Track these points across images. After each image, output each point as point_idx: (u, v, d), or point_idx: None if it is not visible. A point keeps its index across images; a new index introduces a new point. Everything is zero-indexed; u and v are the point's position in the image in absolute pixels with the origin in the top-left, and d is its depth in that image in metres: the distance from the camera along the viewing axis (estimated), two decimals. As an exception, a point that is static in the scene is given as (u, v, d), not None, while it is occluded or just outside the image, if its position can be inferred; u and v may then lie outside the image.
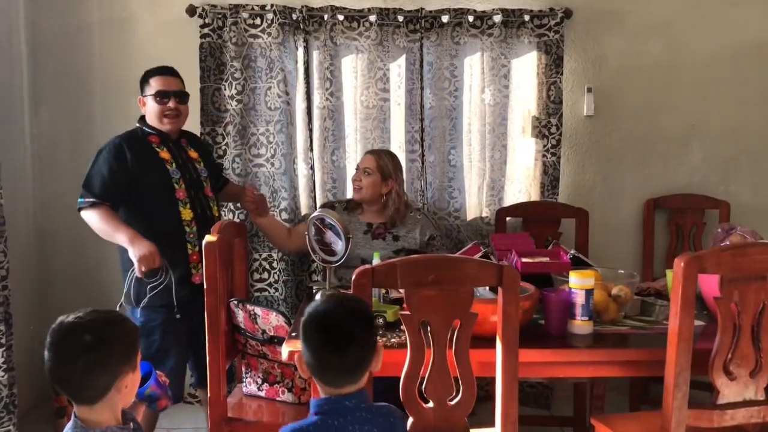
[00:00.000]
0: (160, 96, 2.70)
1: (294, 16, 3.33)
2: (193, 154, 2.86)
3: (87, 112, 3.48)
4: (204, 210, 2.75)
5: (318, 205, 3.38)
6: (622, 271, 2.48)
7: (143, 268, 2.50)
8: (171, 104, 2.72)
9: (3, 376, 2.85)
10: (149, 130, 2.75)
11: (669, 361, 1.84)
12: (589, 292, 2.11)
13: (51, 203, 3.51)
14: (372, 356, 1.52)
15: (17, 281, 3.14)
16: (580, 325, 2.11)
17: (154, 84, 2.73)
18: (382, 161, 3.05)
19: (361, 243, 2.95)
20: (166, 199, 2.65)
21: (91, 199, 2.59)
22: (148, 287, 2.57)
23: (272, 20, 3.32)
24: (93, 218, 2.61)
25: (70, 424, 1.45)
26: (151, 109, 2.74)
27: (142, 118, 2.80)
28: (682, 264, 1.78)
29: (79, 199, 2.63)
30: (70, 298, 3.51)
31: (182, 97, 2.77)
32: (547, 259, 2.42)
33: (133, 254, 2.50)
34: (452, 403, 1.76)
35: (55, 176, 3.50)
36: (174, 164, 2.71)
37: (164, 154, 2.70)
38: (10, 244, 2.93)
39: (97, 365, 1.40)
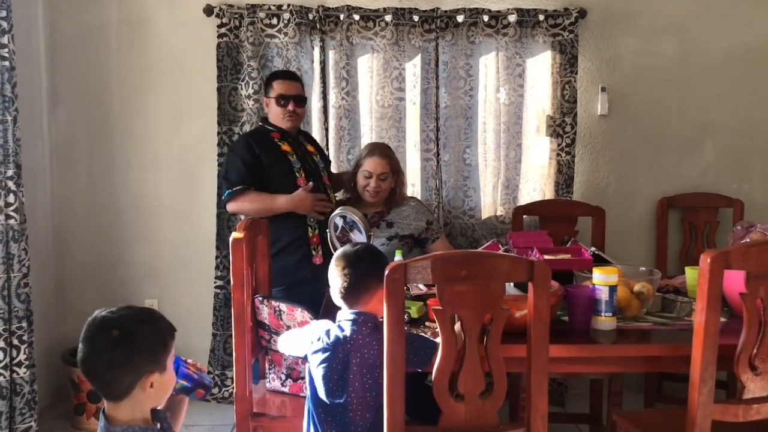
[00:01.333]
0: (281, 99, 2.96)
1: (310, 16, 3.35)
2: (310, 148, 3.10)
3: (104, 111, 3.50)
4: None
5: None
6: (643, 269, 2.50)
7: (318, 213, 2.87)
8: (290, 107, 2.97)
9: (25, 373, 2.87)
10: (270, 128, 3.01)
11: (695, 356, 1.86)
12: (612, 289, 2.13)
13: (69, 202, 3.53)
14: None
15: (36, 279, 3.17)
16: (604, 321, 2.13)
17: (276, 87, 2.99)
18: (392, 161, 3.08)
19: None
20: (290, 186, 2.89)
21: (238, 188, 2.85)
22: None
23: (289, 20, 3.34)
24: (243, 205, 2.89)
25: (100, 423, 1.46)
26: (273, 110, 3.00)
27: (264, 119, 3.09)
28: (709, 260, 1.80)
29: (224, 194, 2.90)
30: (87, 296, 3.54)
31: (300, 100, 3.03)
32: (569, 256, 2.44)
33: (303, 209, 2.85)
34: (483, 397, 1.78)
35: (73, 175, 3.52)
36: (295, 155, 2.95)
37: (285, 147, 2.95)
38: (29, 243, 2.96)
39: (122, 362, 1.39)
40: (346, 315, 1.96)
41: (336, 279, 1.97)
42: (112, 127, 3.51)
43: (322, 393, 1.94)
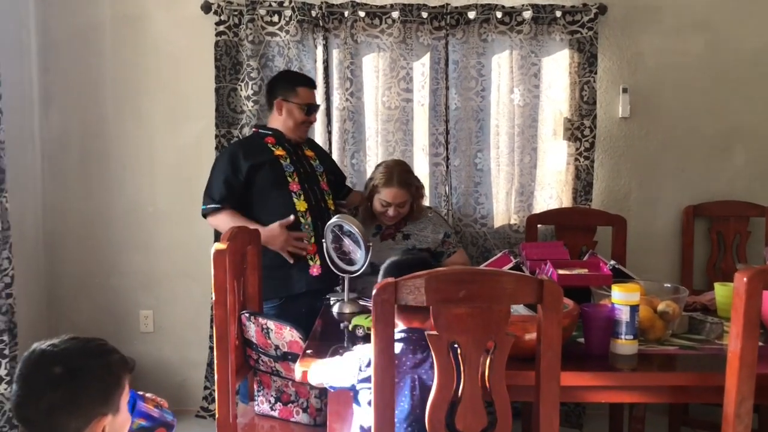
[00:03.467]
0: (309, 108, 2.81)
1: (313, 13, 3.18)
2: (309, 152, 2.92)
3: (98, 112, 3.35)
4: (318, 202, 2.79)
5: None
6: (668, 285, 2.28)
7: (289, 255, 2.65)
8: (313, 118, 2.85)
9: (6, 389, 2.72)
10: (265, 132, 2.83)
11: (729, 388, 1.64)
12: (633, 308, 1.92)
13: (60, 208, 3.38)
14: None
15: (24, 289, 3.02)
16: (624, 344, 1.93)
17: (304, 95, 2.80)
18: (411, 188, 2.87)
19: (372, 246, 2.77)
20: (281, 192, 2.71)
21: (213, 205, 2.71)
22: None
23: (290, 17, 3.17)
24: (219, 222, 2.73)
25: None
26: (293, 117, 2.79)
27: (261, 125, 2.92)
28: (746, 279, 1.58)
29: (202, 206, 2.77)
30: (80, 306, 3.40)
31: (317, 109, 2.91)
32: (586, 270, 2.23)
33: (273, 245, 2.62)
34: (485, 434, 1.57)
35: (65, 179, 3.37)
36: (288, 159, 2.77)
37: (279, 152, 2.77)
38: (16, 251, 2.82)
39: (66, 405, 1.19)
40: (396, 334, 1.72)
41: None
42: (105, 130, 3.35)
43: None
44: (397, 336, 1.70)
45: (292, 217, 2.66)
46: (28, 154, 3.25)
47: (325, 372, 1.85)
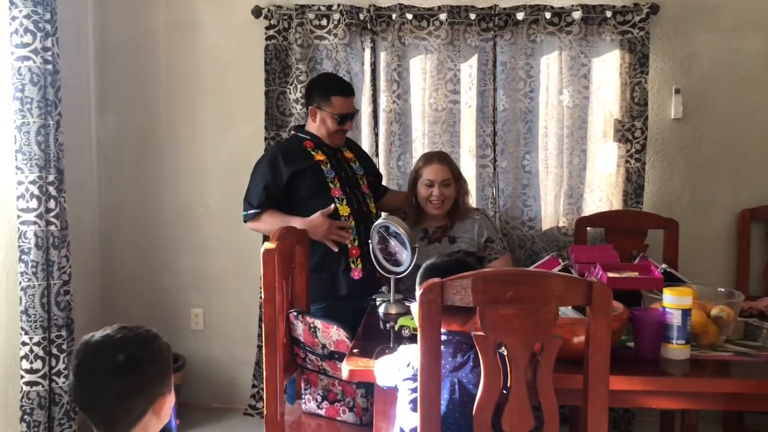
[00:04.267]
0: (343, 117, 2.76)
1: (361, 16, 3.21)
2: (349, 154, 2.91)
3: (152, 116, 3.45)
4: (361, 206, 2.79)
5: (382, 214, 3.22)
6: (722, 290, 2.22)
7: (332, 242, 2.65)
8: (347, 126, 2.81)
9: (64, 383, 2.81)
10: (304, 136, 2.82)
11: (786, 396, 1.60)
12: (686, 312, 1.88)
13: (115, 208, 3.49)
14: None
15: (80, 287, 3.12)
16: (676, 349, 1.88)
17: (337, 105, 2.76)
18: (452, 165, 2.88)
19: (419, 251, 2.77)
20: (323, 198, 2.70)
21: (253, 211, 2.72)
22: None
23: (339, 20, 3.20)
24: (259, 226, 2.76)
25: None
26: (325, 126, 2.77)
27: (299, 127, 2.90)
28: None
29: (243, 213, 2.77)
30: (133, 304, 3.49)
31: (354, 116, 2.88)
32: (636, 273, 2.19)
33: (316, 235, 2.62)
34: (532, 436, 1.56)
35: (120, 181, 3.48)
36: (329, 164, 2.76)
37: (319, 156, 2.76)
38: (73, 250, 2.91)
39: (135, 389, 1.28)
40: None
41: None
42: (159, 132, 3.45)
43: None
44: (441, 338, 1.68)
45: (332, 206, 2.68)
46: (86, 156, 3.36)
47: (379, 372, 1.85)
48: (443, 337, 1.70)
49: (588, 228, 3.17)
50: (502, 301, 1.50)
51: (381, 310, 2.23)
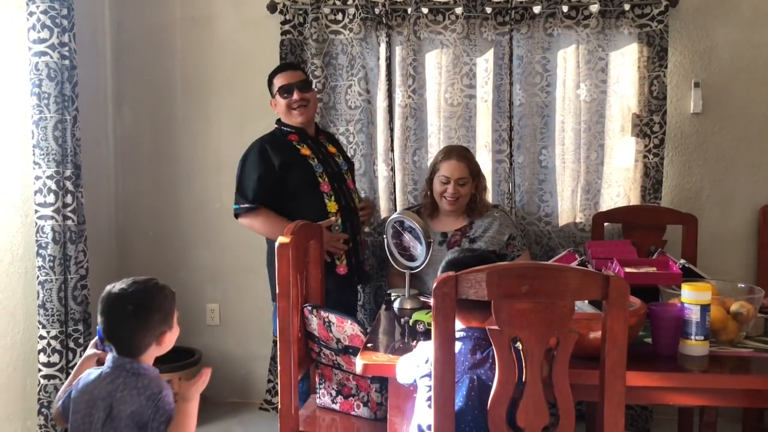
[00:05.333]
0: (284, 91, 2.78)
1: (376, 11, 3.19)
2: (332, 149, 2.91)
3: (168, 111, 3.46)
4: (348, 202, 2.80)
5: (397, 209, 3.22)
6: (742, 285, 2.19)
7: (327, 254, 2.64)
8: (295, 96, 2.77)
9: (81, 376, 2.82)
10: (288, 129, 2.82)
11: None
12: (704, 308, 1.85)
13: (131, 203, 3.50)
14: None
15: (97, 281, 3.13)
16: (694, 345, 1.86)
17: (277, 82, 2.81)
18: (471, 163, 2.86)
19: (438, 256, 2.74)
20: (313, 193, 2.71)
21: (246, 205, 2.71)
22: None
23: (354, 15, 3.19)
24: (254, 223, 2.75)
25: (107, 366, 1.71)
26: (281, 107, 2.82)
27: (280, 120, 2.89)
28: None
29: (234, 206, 2.76)
30: (149, 299, 3.49)
31: (304, 85, 2.83)
32: (654, 269, 2.16)
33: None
34: (547, 432, 1.54)
35: (137, 176, 3.49)
36: (315, 159, 2.77)
37: (305, 151, 2.77)
38: (90, 244, 2.93)
39: (142, 328, 1.69)
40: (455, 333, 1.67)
41: None
42: (175, 128, 3.46)
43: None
44: (457, 335, 1.66)
45: (333, 219, 2.69)
46: (102, 152, 3.38)
47: (399, 369, 1.83)
48: (462, 333, 1.69)
49: (605, 224, 3.13)
50: (517, 295, 1.48)
51: (396, 304, 2.22)
